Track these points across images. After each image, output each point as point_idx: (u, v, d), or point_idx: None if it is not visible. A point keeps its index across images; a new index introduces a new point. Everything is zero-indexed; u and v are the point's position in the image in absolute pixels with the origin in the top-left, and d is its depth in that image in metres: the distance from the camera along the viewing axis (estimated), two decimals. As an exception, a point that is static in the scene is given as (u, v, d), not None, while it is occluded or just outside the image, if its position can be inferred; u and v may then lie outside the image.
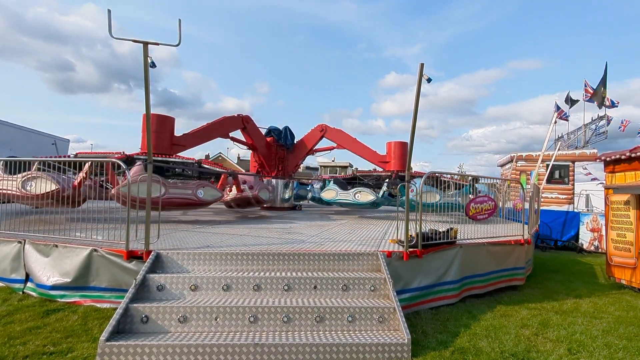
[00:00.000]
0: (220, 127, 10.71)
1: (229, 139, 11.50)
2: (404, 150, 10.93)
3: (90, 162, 6.68)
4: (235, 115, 11.10)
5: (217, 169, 9.05)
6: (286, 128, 12.14)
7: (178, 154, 9.09)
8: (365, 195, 9.38)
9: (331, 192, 10.26)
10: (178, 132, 9.25)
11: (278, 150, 12.11)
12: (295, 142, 12.44)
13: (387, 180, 10.47)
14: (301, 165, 15.70)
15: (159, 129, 8.99)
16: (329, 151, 12.98)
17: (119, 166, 5.04)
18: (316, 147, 12.65)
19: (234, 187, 9.45)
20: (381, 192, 9.63)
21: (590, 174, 14.82)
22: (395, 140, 11.05)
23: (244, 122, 11.12)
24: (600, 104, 15.63)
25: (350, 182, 11.74)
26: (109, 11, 3.78)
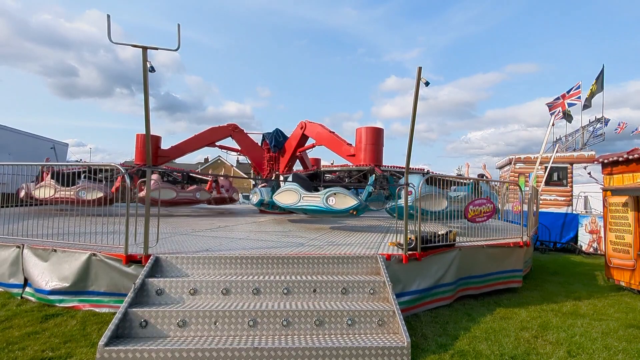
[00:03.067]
0: (206, 138, 12.18)
1: (217, 148, 12.89)
2: (377, 139, 8.60)
3: (122, 174, 8.40)
4: (224, 125, 12.40)
5: (198, 175, 11.92)
6: (276, 130, 12.21)
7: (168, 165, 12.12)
8: (343, 199, 6.60)
9: (290, 195, 7.25)
10: (179, 134, 10.22)
11: (269, 153, 12.27)
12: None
13: (373, 176, 7.60)
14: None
15: (145, 145, 10.36)
16: (311, 149, 12.18)
17: (119, 171, 5.26)
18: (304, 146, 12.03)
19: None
20: (365, 194, 6.99)
21: (590, 174, 14.84)
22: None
23: (230, 131, 12.26)
24: (589, 101, 15.67)
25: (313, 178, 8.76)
26: (108, 16, 3.80)
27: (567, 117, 15.47)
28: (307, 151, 12.55)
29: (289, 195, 7.28)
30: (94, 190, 8.60)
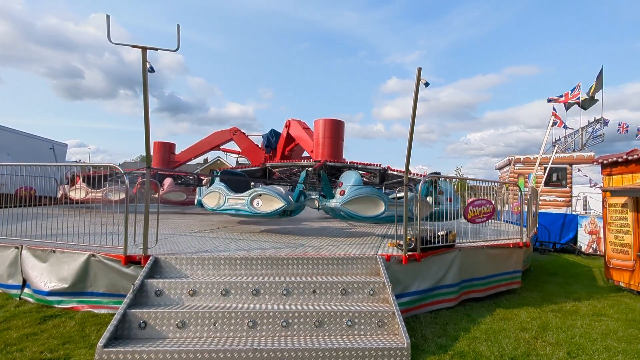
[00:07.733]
0: (211, 142, 13.09)
1: (221, 151, 13.80)
2: (336, 132, 7.73)
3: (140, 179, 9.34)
4: (227, 129, 13.13)
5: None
6: (270, 131, 12.39)
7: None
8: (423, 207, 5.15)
9: (370, 203, 5.75)
10: (181, 135, 10.66)
11: (266, 153, 12.51)
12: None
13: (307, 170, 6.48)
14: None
15: (162, 150, 12.85)
16: (293, 148, 12.04)
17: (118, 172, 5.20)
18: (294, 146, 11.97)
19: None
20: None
21: (586, 175, 14.88)
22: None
23: (231, 134, 12.98)
24: (589, 104, 15.69)
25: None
26: (108, 17, 3.79)
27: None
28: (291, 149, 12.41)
29: (370, 204, 5.69)
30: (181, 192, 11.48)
